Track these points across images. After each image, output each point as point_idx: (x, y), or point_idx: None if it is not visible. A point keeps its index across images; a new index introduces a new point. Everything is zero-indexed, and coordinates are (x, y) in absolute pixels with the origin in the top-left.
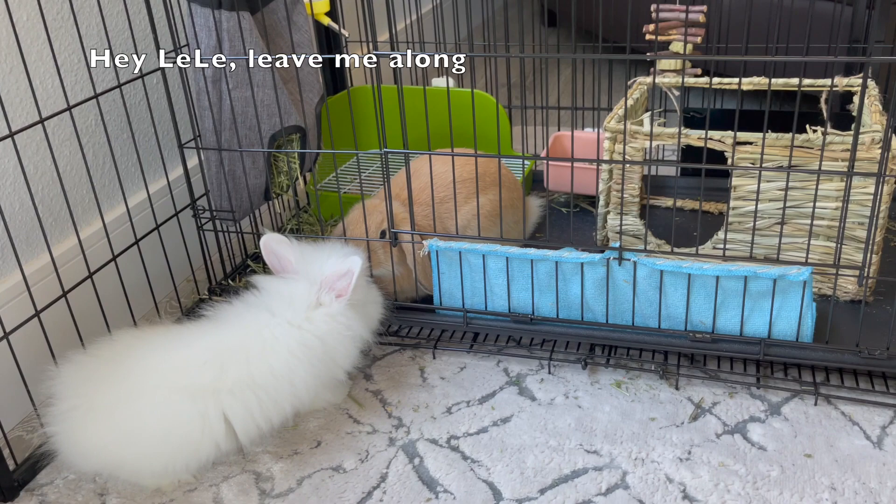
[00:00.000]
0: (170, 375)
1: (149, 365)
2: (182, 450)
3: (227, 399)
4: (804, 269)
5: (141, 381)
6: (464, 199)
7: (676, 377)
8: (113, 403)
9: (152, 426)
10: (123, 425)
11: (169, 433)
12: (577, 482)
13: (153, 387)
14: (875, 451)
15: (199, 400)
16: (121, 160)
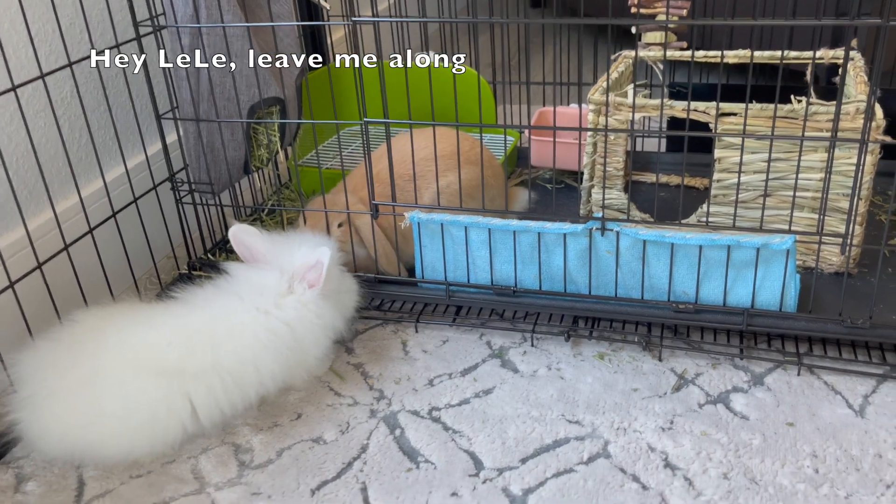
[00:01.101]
0: (133, 356)
1: (112, 346)
2: (146, 432)
3: (191, 382)
4: (787, 238)
5: (104, 362)
6: (442, 174)
7: (660, 349)
8: (75, 386)
9: (115, 408)
10: (85, 408)
11: (132, 415)
12: (558, 451)
13: (116, 368)
14: (857, 419)
15: (163, 381)
16: (98, 132)
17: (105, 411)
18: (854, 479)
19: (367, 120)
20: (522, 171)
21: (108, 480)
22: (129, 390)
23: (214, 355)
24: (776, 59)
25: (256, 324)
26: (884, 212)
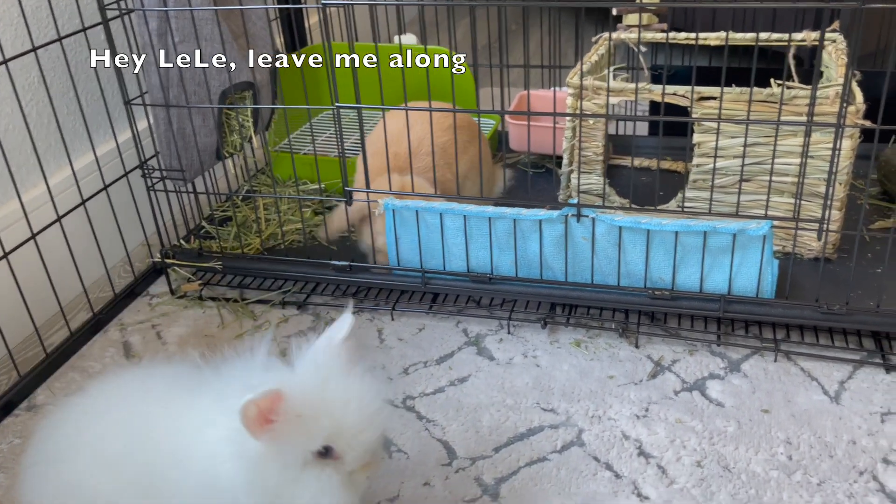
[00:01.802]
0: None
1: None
2: None
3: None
4: (764, 224)
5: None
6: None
7: (636, 335)
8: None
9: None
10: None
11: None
12: (532, 440)
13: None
14: (832, 405)
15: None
16: (69, 118)
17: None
18: (827, 465)
19: (339, 105)
20: (503, 155)
21: None
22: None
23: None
24: (753, 41)
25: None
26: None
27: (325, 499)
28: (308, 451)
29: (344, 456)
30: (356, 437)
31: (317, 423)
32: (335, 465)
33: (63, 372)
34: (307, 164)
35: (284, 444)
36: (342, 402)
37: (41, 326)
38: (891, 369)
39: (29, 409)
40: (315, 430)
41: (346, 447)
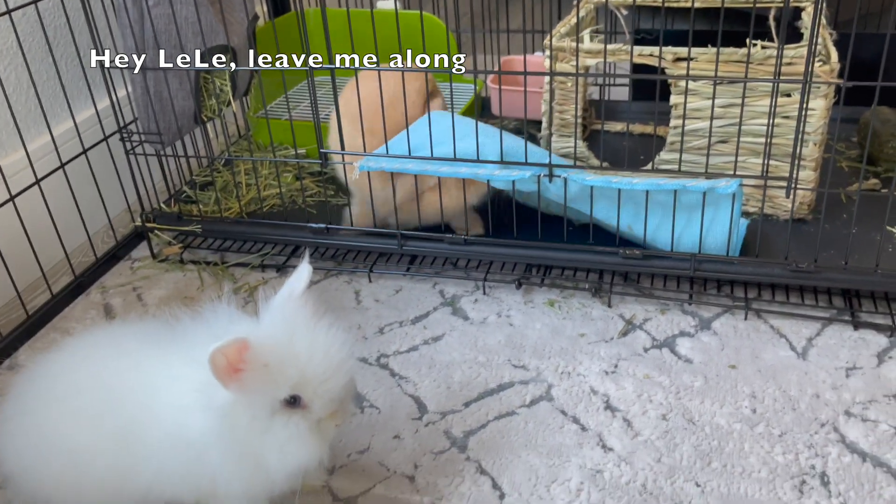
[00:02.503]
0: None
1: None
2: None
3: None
4: (732, 182)
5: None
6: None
7: (609, 295)
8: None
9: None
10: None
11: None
12: (502, 395)
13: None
14: (798, 361)
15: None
16: (48, 83)
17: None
18: (790, 418)
19: (312, 66)
20: (486, 120)
21: None
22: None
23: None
24: (737, 2)
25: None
26: (845, 158)
27: (293, 446)
28: (275, 400)
29: (311, 405)
30: (322, 385)
31: (283, 372)
32: (303, 413)
33: (45, 333)
34: (287, 129)
35: (252, 393)
36: (307, 351)
37: (24, 290)
38: (859, 326)
39: (10, 369)
40: (281, 379)
41: (312, 396)
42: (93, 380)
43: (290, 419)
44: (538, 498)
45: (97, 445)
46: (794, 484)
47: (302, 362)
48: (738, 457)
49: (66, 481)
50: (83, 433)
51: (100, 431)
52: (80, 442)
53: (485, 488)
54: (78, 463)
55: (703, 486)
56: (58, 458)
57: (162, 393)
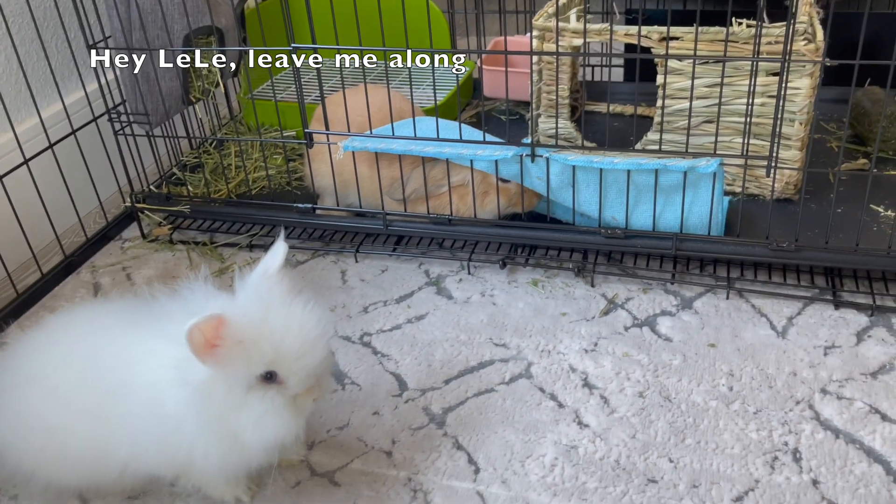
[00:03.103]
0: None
1: (65, 361)
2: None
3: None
4: (713, 161)
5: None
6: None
7: (592, 275)
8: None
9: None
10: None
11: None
12: (481, 373)
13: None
14: (778, 339)
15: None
16: (38, 65)
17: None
18: (766, 395)
19: (296, 45)
20: (478, 103)
21: None
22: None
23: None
24: None
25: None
26: (836, 139)
27: (269, 419)
28: (252, 376)
29: (287, 380)
30: (298, 361)
31: (258, 348)
32: (279, 389)
33: (35, 311)
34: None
35: (228, 368)
36: (283, 327)
37: (15, 270)
38: (840, 305)
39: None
40: (257, 355)
41: (288, 372)
42: (69, 358)
43: (266, 394)
44: (512, 472)
45: (73, 422)
46: (766, 460)
47: (277, 339)
48: (713, 433)
49: (47, 457)
50: (58, 410)
51: (75, 408)
52: (56, 419)
53: (460, 463)
54: (56, 439)
55: (676, 461)
56: (37, 435)
57: (138, 368)
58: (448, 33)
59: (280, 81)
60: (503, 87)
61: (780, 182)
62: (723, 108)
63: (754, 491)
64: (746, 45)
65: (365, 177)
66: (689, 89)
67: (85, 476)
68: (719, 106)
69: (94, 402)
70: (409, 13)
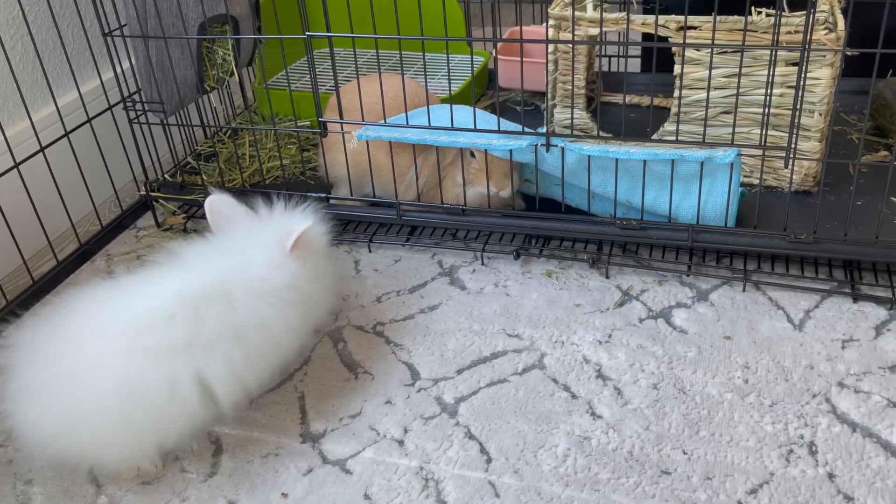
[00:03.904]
0: (129, 336)
1: (104, 326)
2: (149, 426)
3: (203, 357)
4: (730, 151)
5: (96, 346)
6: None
7: (607, 266)
8: (63, 377)
9: (110, 401)
10: (75, 402)
11: (131, 407)
12: (494, 363)
13: (109, 353)
14: (795, 332)
15: (167, 362)
16: (54, 53)
17: (99, 405)
18: (782, 388)
19: (310, 34)
20: (493, 93)
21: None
22: (124, 379)
23: (232, 322)
24: None
25: (275, 280)
26: (857, 130)
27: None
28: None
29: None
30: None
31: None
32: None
33: (49, 299)
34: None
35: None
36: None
37: (31, 258)
38: (858, 298)
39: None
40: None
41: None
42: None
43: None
44: (524, 463)
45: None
46: (782, 453)
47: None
48: (727, 426)
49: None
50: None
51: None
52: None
53: (472, 453)
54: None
55: (690, 453)
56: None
57: (249, 261)
58: (463, 23)
59: (294, 71)
60: (518, 78)
61: (799, 174)
62: (741, 98)
63: (769, 484)
64: (765, 34)
65: (380, 165)
66: (706, 79)
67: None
68: (737, 96)
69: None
70: (425, 2)
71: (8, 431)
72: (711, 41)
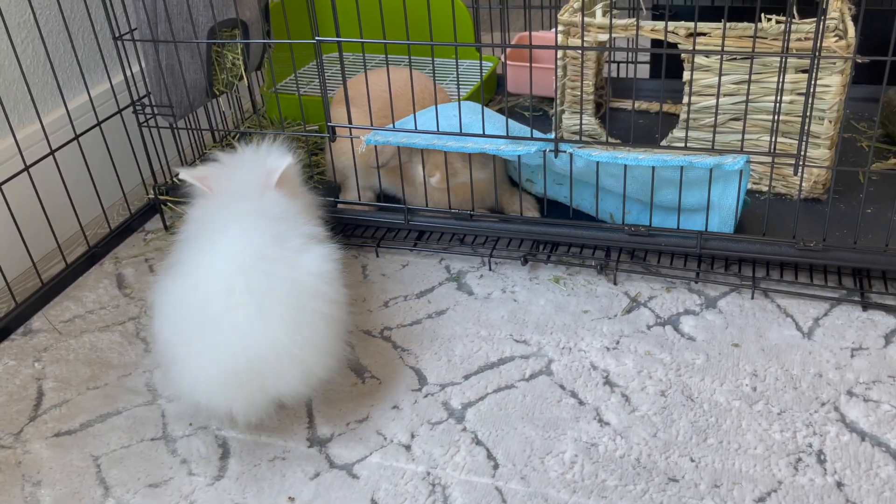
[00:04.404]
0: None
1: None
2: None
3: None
4: (739, 158)
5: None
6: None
7: (615, 273)
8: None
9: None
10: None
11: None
12: (501, 369)
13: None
14: (803, 340)
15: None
16: (65, 56)
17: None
18: (790, 396)
19: (319, 38)
20: (501, 98)
21: (66, 391)
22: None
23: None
24: None
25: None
26: (867, 138)
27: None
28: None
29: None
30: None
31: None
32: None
33: (58, 301)
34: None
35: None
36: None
37: (40, 260)
38: (868, 307)
39: (25, 335)
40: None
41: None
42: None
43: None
44: (531, 469)
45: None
46: (790, 461)
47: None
48: (735, 433)
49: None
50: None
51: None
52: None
53: (479, 458)
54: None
55: (698, 461)
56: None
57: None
58: (472, 28)
59: (303, 76)
60: (527, 83)
61: (808, 181)
62: (750, 105)
63: (777, 492)
64: (775, 41)
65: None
66: (715, 86)
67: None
68: (746, 103)
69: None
70: (434, 7)
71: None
72: (721, 48)
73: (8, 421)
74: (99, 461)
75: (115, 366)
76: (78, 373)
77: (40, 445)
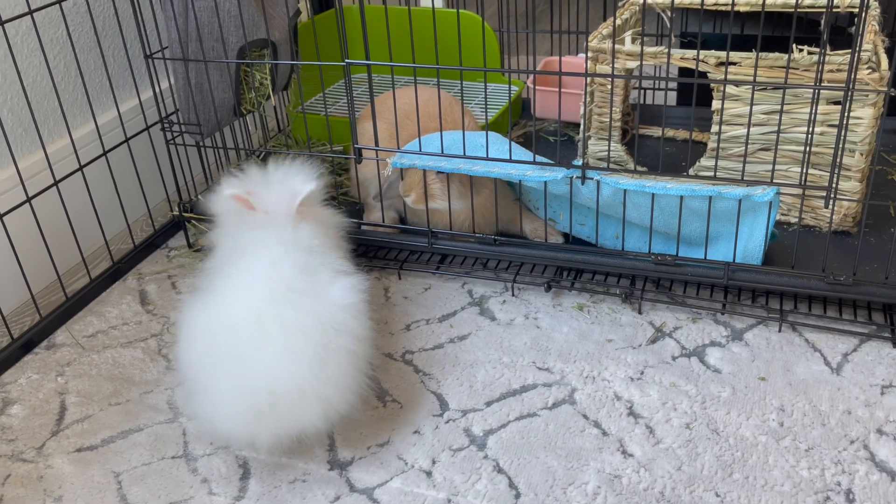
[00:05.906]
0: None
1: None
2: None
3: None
4: (769, 190)
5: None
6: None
7: (640, 301)
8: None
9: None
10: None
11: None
12: (524, 396)
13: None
14: (832, 376)
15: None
16: (95, 72)
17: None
18: (818, 433)
19: (349, 61)
20: (526, 122)
21: (88, 406)
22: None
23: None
24: (789, 6)
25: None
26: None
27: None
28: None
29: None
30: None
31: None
32: None
33: (82, 315)
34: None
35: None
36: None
37: (65, 274)
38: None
39: (48, 349)
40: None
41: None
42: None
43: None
44: (554, 499)
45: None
46: (818, 500)
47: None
48: (762, 469)
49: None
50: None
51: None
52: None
53: (501, 487)
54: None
55: (723, 496)
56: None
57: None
58: (498, 51)
59: (329, 96)
60: (554, 108)
61: (839, 214)
62: (780, 136)
63: None
64: (807, 72)
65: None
66: (745, 115)
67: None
68: (778, 133)
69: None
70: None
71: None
72: (753, 78)
73: (31, 435)
74: (120, 478)
75: (136, 382)
76: (100, 388)
77: (62, 460)
